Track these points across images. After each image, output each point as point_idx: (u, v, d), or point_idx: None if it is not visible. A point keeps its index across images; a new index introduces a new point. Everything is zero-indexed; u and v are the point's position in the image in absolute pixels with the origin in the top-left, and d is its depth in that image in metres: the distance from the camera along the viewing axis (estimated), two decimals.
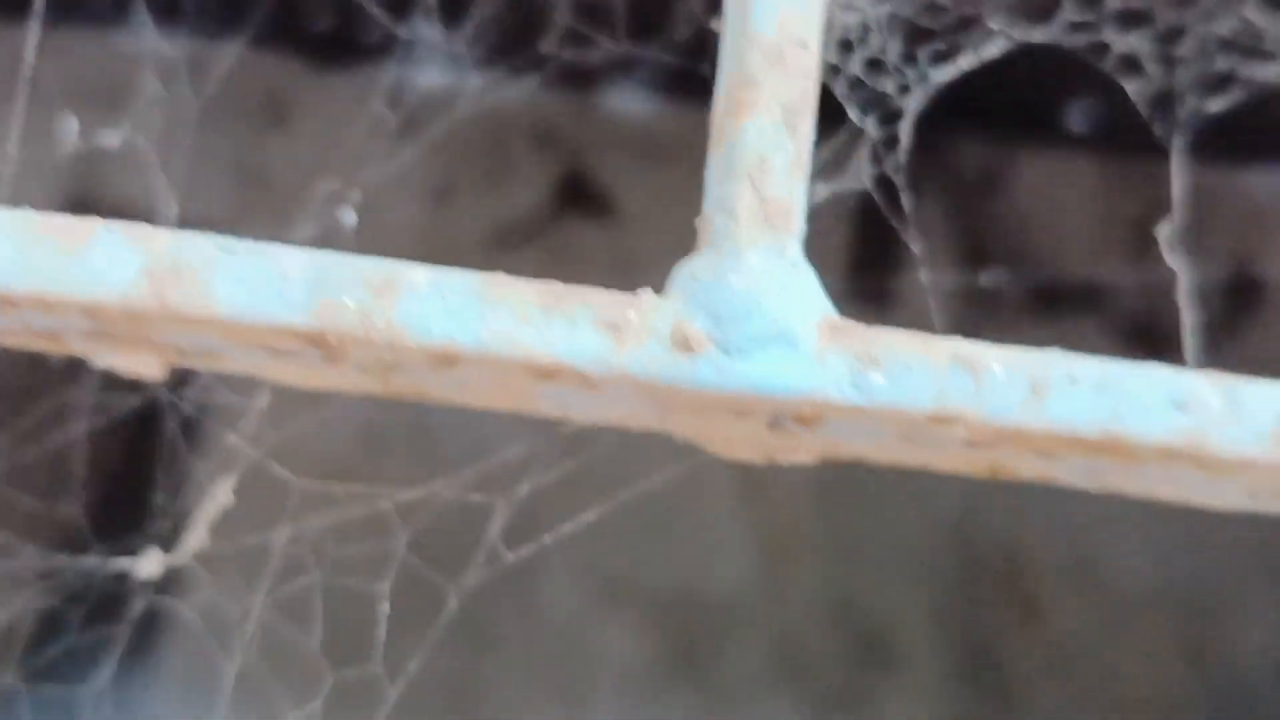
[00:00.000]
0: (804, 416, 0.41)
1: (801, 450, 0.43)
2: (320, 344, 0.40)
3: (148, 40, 2.84)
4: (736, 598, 3.01)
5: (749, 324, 0.40)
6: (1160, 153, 3.20)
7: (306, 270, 0.40)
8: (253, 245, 0.41)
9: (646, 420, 0.43)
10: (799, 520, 3.05)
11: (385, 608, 1.17)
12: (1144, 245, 3.07)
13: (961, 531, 3.04)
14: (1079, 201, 3.13)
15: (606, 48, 3.14)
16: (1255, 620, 3.02)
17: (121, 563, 1.13)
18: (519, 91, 3.13)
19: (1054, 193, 3.11)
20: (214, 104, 3.03)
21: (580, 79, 3.16)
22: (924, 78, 1.09)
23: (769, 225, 0.40)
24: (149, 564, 1.11)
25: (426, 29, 3.07)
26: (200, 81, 3.08)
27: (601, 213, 3.19)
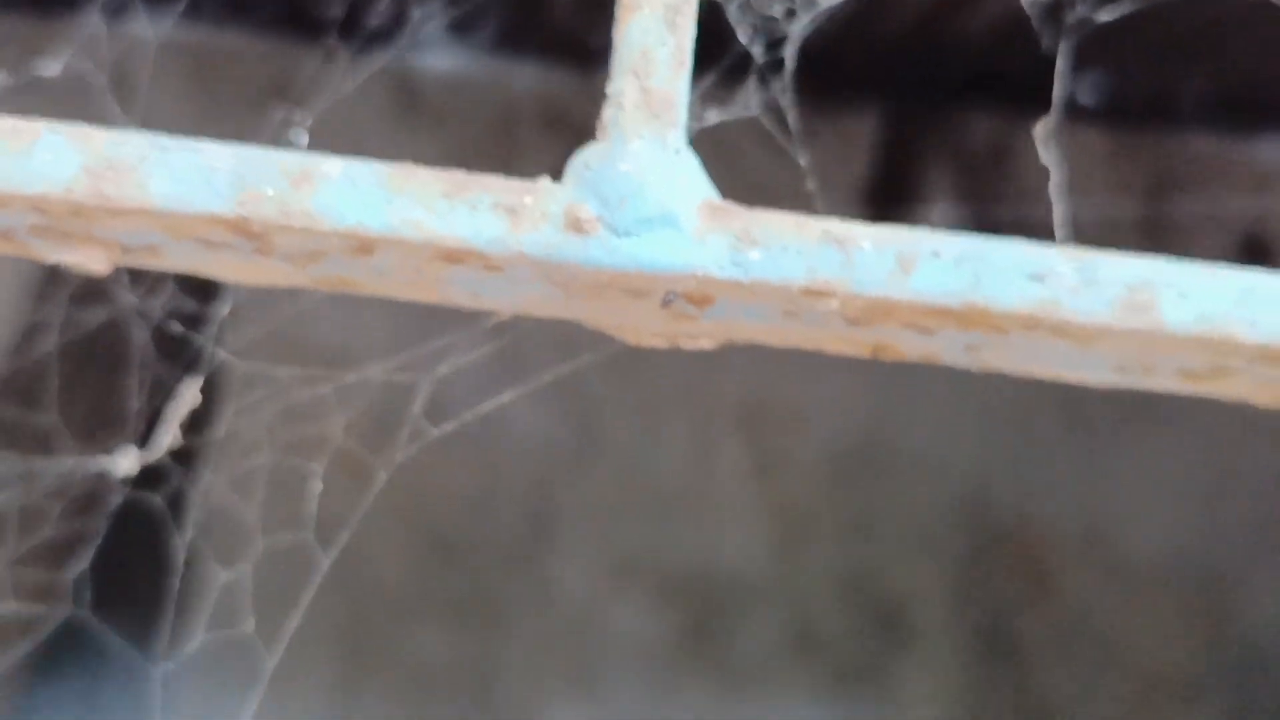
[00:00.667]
0: (693, 296, 0.45)
1: (702, 335, 0.47)
2: (245, 232, 0.44)
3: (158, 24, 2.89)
4: (751, 575, 3.04)
5: (635, 207, 0.43)
6: (1167, 125, 3.21)
7: (231, 163, 0.44)
8: (184, 142, 0.45)
9: (553, 306, 0.47)
10: (812, 498, 3.07)
11: (318, 484, 1.23)
12: (1153, 215, 3.08)
13: (974, 507, 3.06)
14: (1087, 172, 3.14)
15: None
16: (1268, 592, 3.03)
17: (99, 462, 1.18)
18: (527, 73, 3.16)
19: (1064, 163, 3.11)
20: (220, 87, 3.06)
21: (586, 59, 3.19)
22: (812, 3, 1.12)
23: (653, 115, 0.44)
24: (125, 462, 1.16)
25: (435, 12, 3.10)
26: (210, 65, 3.11)
27: None
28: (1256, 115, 3.08)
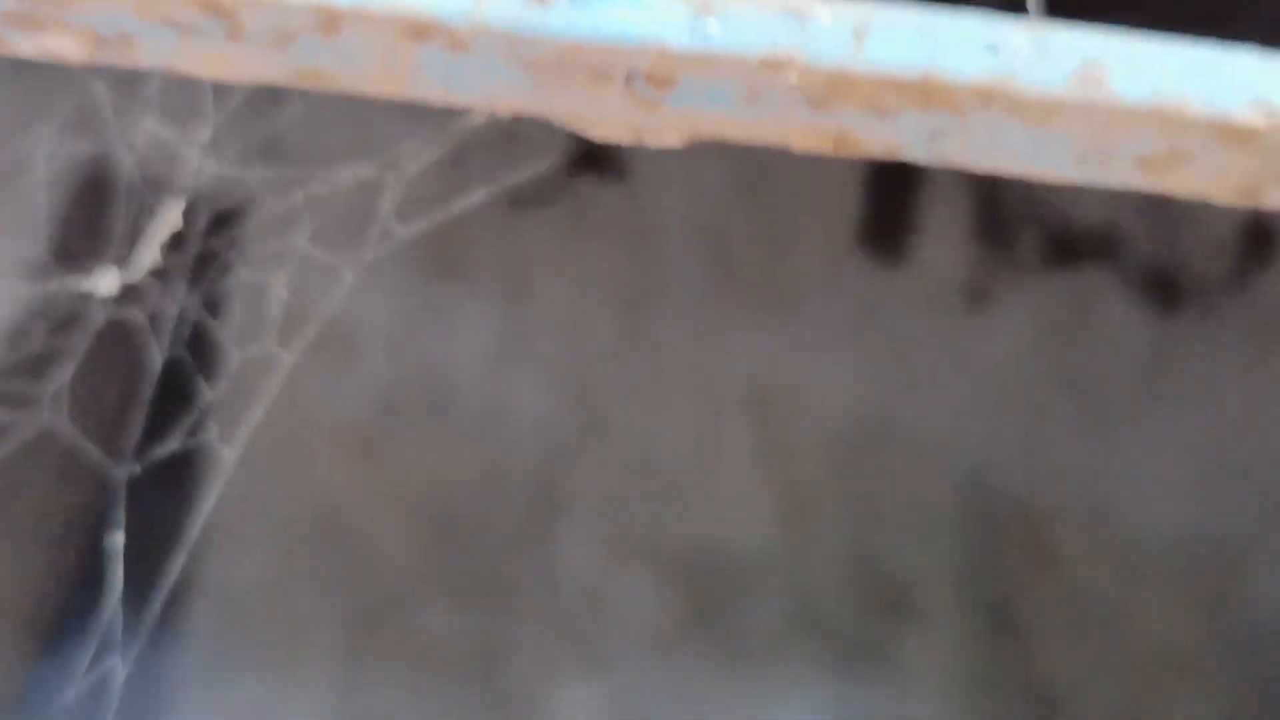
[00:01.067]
0: (655, 77, 0.46)
1: (666, 126, 0.48)
2: (216, 9, 0.44)
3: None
4: (756, 555, 3.04)
5: None
6: None
7: None
8: None
9: (520, 96, 0.48)
10: (818, 479, 3.08)
11: (283, 294, 1.25)
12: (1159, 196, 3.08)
13: (980, 487, 3.06)
14: None
15: None
16: (1273, 570, 3.02)
17: (82, 283, 1.21)
18: None
19: None
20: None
21: None
22: None
23: None
24: (106, 281, 1.17)
25: None
26: None
27: (615, 174, 3.23)
28: None
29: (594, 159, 3.40)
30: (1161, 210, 3.14)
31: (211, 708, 3.04)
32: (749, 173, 3.23)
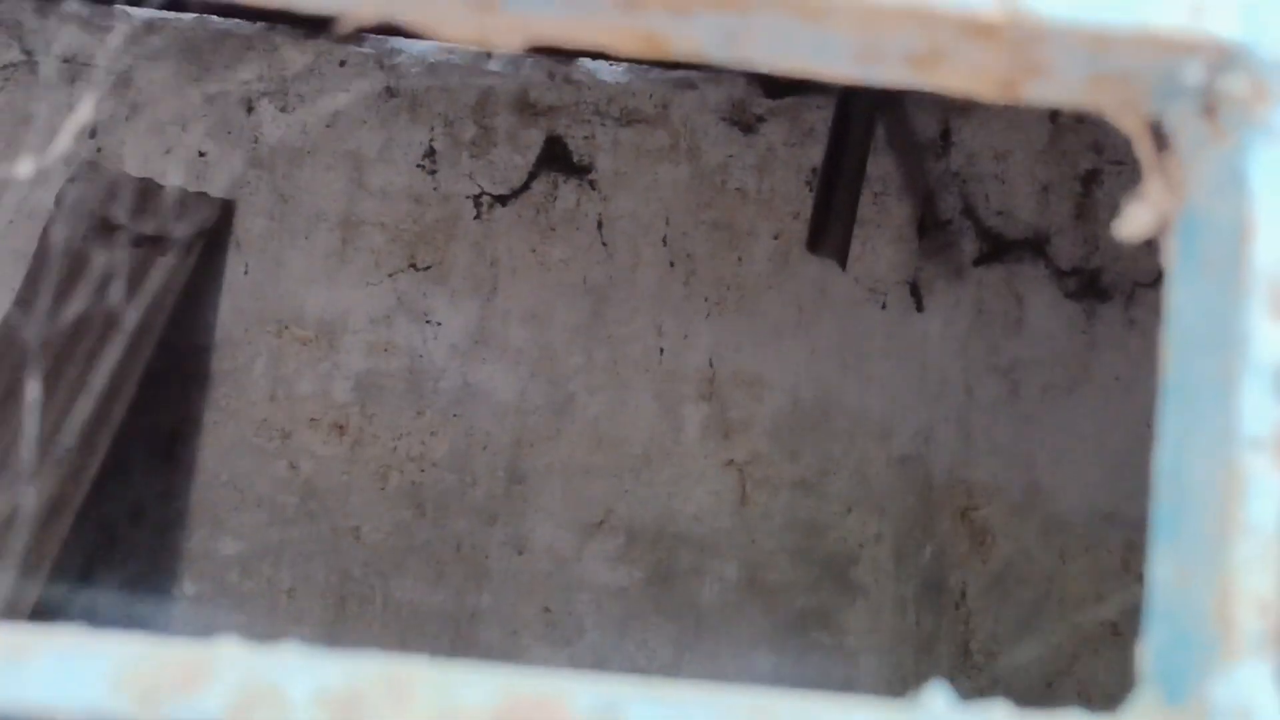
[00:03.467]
0: None
1: (504, 31, 0.55)
2: None
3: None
4: (711, 530, 3.11)
5: None
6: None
7: None
8: None
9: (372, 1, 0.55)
10: (768, 458, 3.15)
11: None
12: (1088, 197, 3.16)
13: (918, 465, 3.14)
14: (1028, 156, 3.22)
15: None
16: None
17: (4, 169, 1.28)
18: (503, 62, 3.25)
19: (1004, 149, 3.20)
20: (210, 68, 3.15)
21: (559, 49, 3.28)
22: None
23: None
24: (24, 167, 1.24)
25: None
26: (199, 50, 3.20)
27: (579, 174, 3.30)
28: None
29: (559, 161, 3.48)
30: (1090, 212, 3.23)
31: None
32: (704, 175, 3.31)
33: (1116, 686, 3.16)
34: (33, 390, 2.92)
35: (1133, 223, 0.37)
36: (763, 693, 0.29)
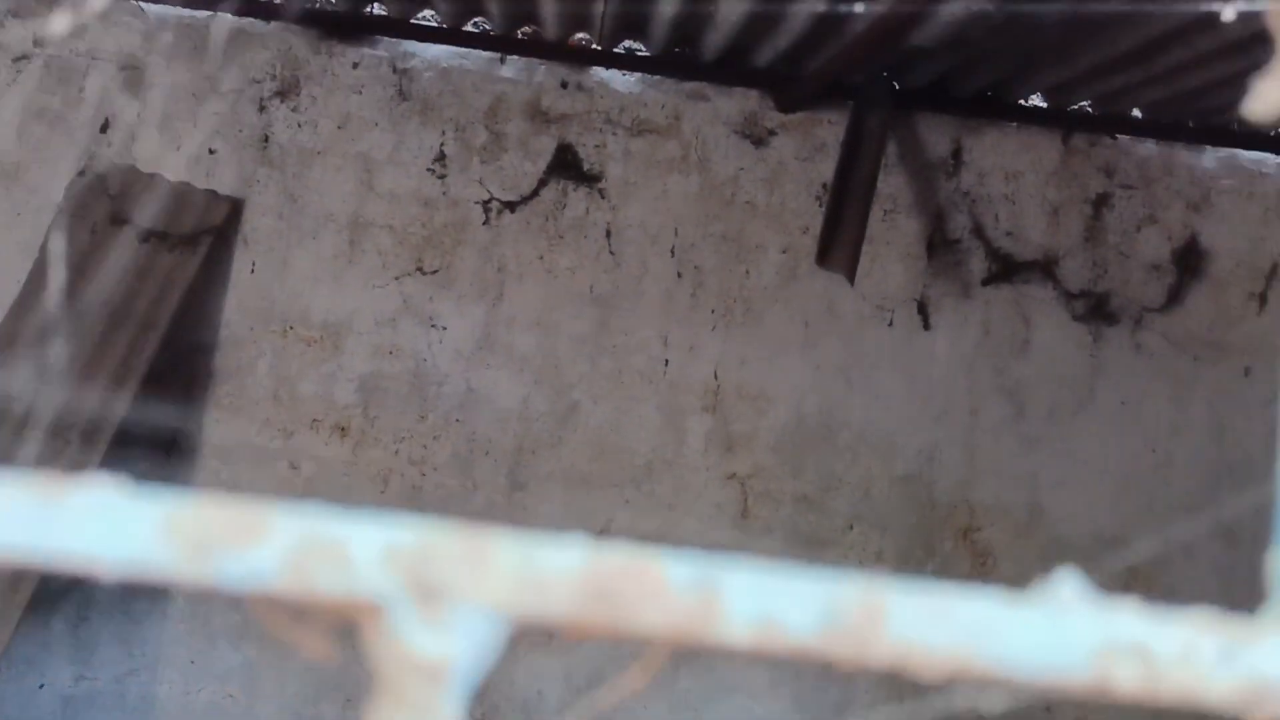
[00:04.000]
0: None
1: None
2: None
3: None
4: (712, 542, 3.07)
5: None
6: (1113, 130, 3.25)
7: None
8: None
9: None
10: (771, 473, 3.12)
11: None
12: (1098, 220, 3.14)
13: (922, 485, 3.11)
14: (1039, 177, 3.20)
15: (597, 30, 3.21)
16: (1191, 574, 3.06)
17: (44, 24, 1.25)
18: (516, 68, 3.23)
19: (1015, 169, 3.17)
20: (227, 73, 3.12)
21: (573, 57, 3.25)
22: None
23: None
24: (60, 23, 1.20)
25: (432, 7, 3.16)
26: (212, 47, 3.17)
27: (588, 183, 3.28)
28: (1199, 125, 3.16)
29: (569, 168, 3.45)
30: (1099, 235, 3.21)
31: (195, 672, 3.05)
32: (714, 187, 3.28)
33: (1115, 715, 3.12)
34: (35, 384, 2.88)
35: (1264, 100, 0.35)
36: (868, 580, 0.26)
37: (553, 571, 0.24)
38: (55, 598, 2.99)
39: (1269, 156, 3.20)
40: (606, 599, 0.24)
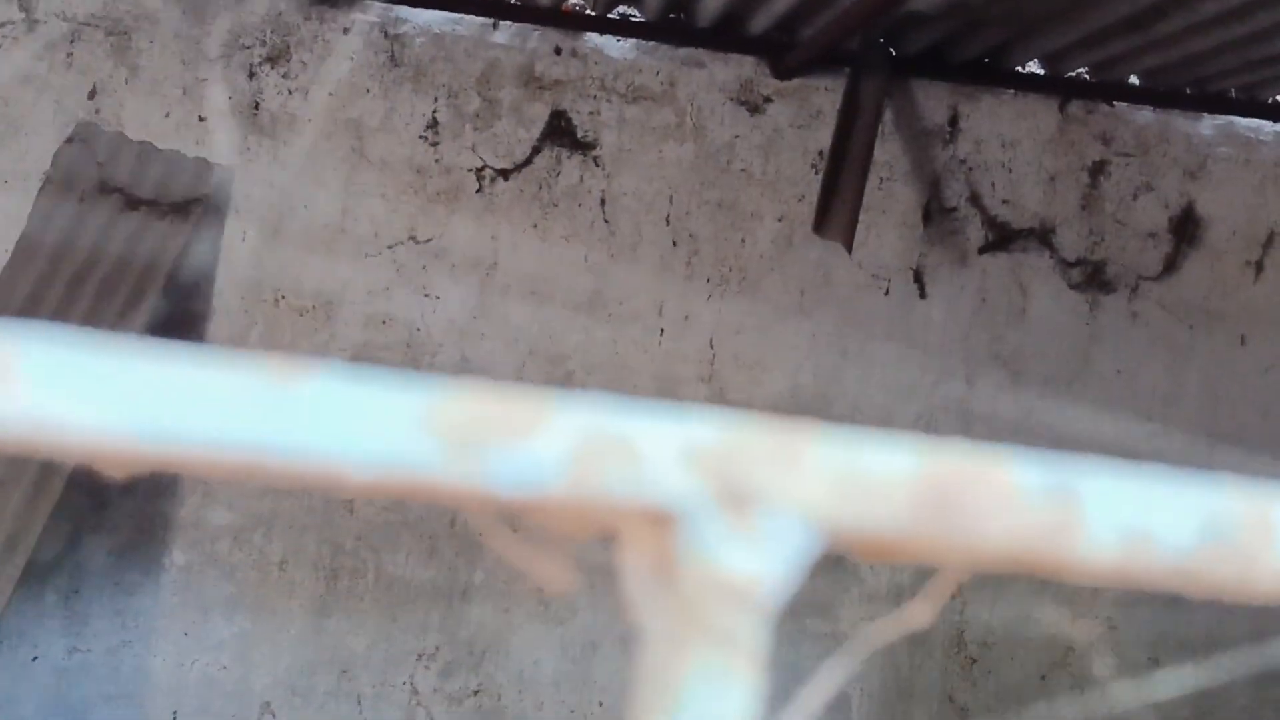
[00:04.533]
0: None
1: None
2: None
3: None
4: None
5: None
6: (1110, 98, 3.22)
7: None
8: None
9: None
10: None
11: None
12: (1095, 188, 3.11)
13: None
14: (1035, 145, 3.16)
15: None
16: None
17: None
18: (510, 34, 3.17)
19: (1011, 136, 3.14)
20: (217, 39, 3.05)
21: (567, 23, 3.18)
22: None
23: None
24: None
25: None
26: (202, 12, 3.10)
27: (582, 151, 3.23)
28: (1196, 92, 3.13)
29: (564, 136, 3.39)
30: (1096, 203, 3.18)
31: (185, 646, 3.00)
32: (710, 154, 3.23)
33: (1111, 679, 3.12)
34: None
35: None
36: (1256, 486, 0.22)
37: (881, 474, 0.20)
38: (46, 571, 2.93)
39: (1266, 124, 3.18)
40: (944, 508, 0.20)
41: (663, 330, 3.19)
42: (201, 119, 3.09)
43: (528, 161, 3.18)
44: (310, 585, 3.04)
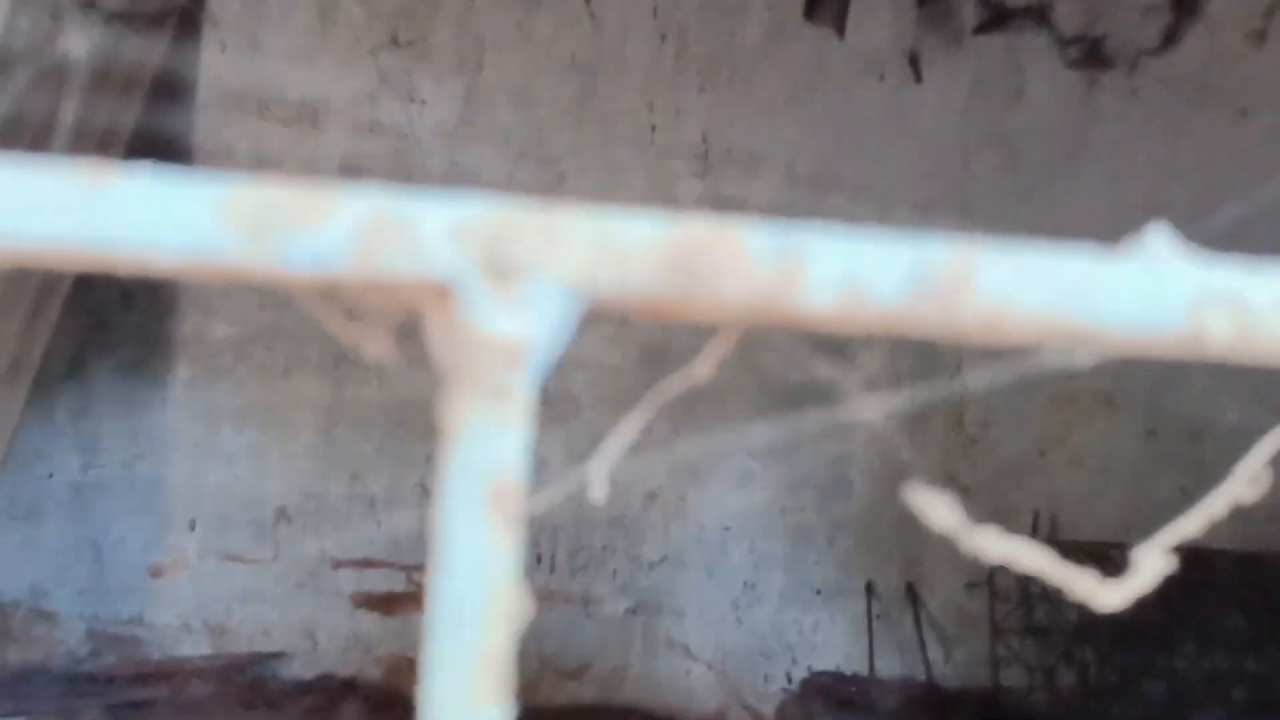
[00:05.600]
0: None
1: None
2: None
3: None
4: None
5: None
6: None
7: None
8: None
9: None
10: None
11: None
12: None
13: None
14: None
15: None
16: None
17: None
18: None
19: None
20: None
21: None
22: None
23: None
24: None
25: None
26: None
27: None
28: None
29: None
30: None
31: (197, 457, 3.10)
32: None
33: (1109, 455, 3.20)
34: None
35: None
36: (958, 241, 0.25)
37: (630, 244, 0.24)
38: (54, 391, 3.00)
39: None
40: (686, 271, 0.23)
41: (654, 127, 3.19)
42: None
43: None
44: (316, 394, 3.12)
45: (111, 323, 3.04)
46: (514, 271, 0.23)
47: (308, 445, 3.11)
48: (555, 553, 3.11)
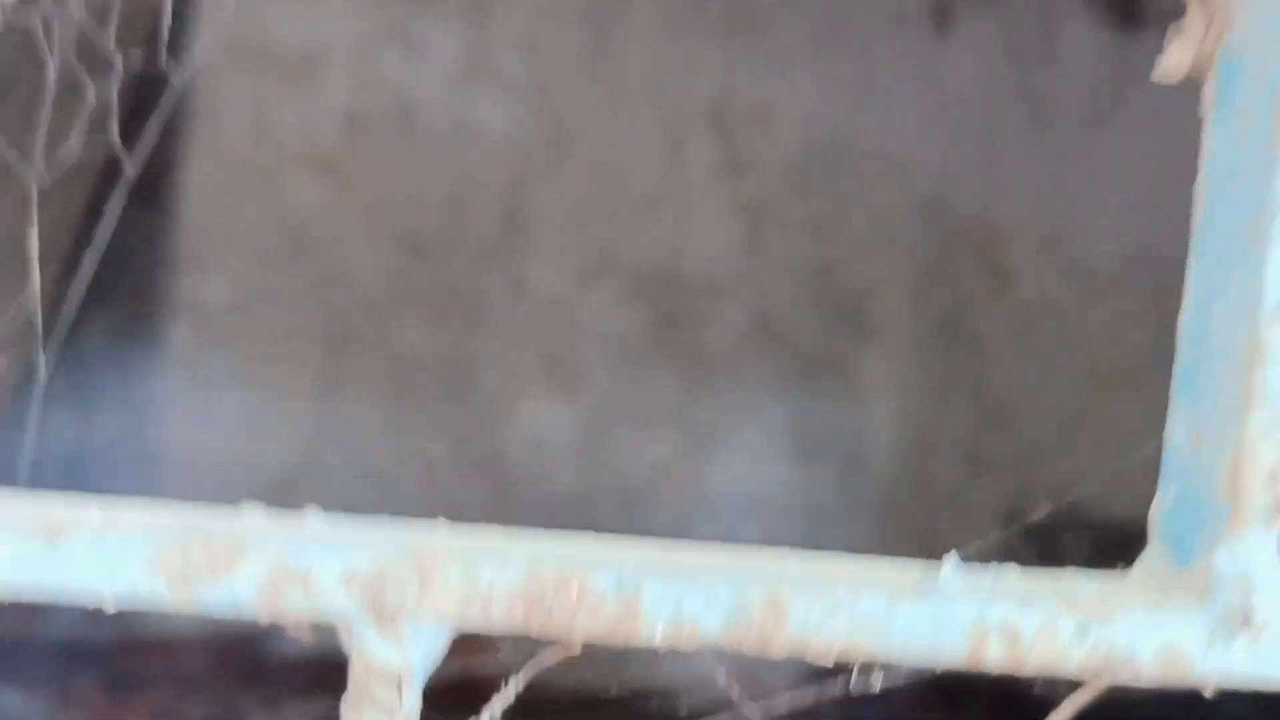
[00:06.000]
0: None
1: None
2: None
3: None
4: (718, 271, 3.14)
5: None
6: None
7: None
8: None
9: None
10: (779, 196, 3.16)
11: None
12: None
13: (938, 205, 3.14)
14: None
15: None
16: None
17: None
18: None
19: None
20: None
21: None
22: None
23: None
24: None
25: None
26: None
27: None
28: None
29: None
30: None
31: (193, 421, 3.18)
32: None
33: (1133, 432, 3.24)
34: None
35: (1172, 62, 0.38)
36: (778, 559, 0.31)
37: (493, 587, 0.30)
38: (46, 353, 3.08)
39: None
40: (540, 609, 0.30)
41: (667, 77, 3.22)
42: None
43: None
44: (314, 358, 3.19)
45: (106, 284, 3.11)
46: (394, 614, 0.29)
47: (309, 412, 3.19)
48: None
